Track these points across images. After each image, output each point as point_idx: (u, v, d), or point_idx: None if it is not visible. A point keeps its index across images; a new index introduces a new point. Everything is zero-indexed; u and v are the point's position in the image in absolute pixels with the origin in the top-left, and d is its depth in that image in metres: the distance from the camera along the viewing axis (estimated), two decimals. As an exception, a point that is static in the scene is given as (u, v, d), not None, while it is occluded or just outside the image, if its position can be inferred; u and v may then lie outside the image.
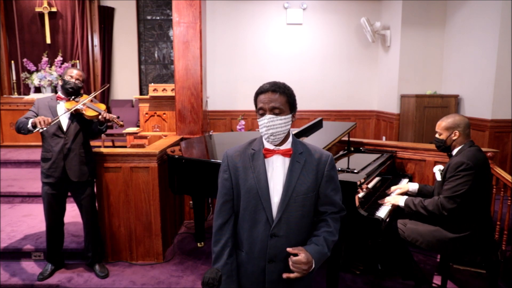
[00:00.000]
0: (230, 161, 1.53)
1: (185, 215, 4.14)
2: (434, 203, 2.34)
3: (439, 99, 5.15)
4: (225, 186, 1.53)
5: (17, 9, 6.60)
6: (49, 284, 2.88)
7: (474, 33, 4.82)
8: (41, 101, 2.85)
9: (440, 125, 2.48)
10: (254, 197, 1.47)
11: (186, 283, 2.91)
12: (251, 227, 1.50)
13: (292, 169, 1.47)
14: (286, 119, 1.45)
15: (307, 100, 6.52)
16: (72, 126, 2.81)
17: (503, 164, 4.45)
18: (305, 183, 1.48)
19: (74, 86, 2.82)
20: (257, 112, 1.48)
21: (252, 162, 1.49)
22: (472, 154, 2.31)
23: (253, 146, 1.54)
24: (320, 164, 1.51)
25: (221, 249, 1.52)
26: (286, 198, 1.46)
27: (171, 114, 4.83)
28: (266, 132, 1.45)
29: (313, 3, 6.38)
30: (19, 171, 5.01)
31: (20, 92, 6.71)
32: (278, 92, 1.44)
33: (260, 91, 1.47)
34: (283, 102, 1.44)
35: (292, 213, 1.47)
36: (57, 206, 2.92)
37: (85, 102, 2.81)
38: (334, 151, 3.24)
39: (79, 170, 2.84)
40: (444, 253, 2.45)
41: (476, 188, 2.27)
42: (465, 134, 2.42)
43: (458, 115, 2.46)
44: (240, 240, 1.55)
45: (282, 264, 1.49)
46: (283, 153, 1.48)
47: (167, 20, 7.04)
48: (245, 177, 1.49)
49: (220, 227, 1.54)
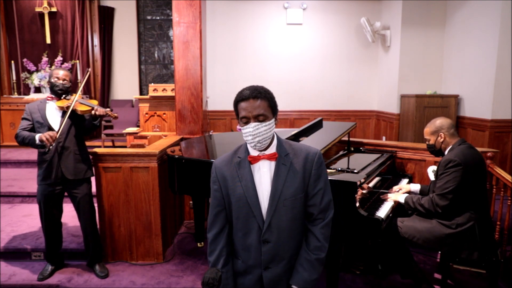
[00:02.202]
0: (218, 172, 1.52)
1: (185, 215, 4.14)
2: (429, 201, 2.41)
3: (439, 99, 5.15)
4: (216, 197, 1.53)
5: (17, 9, 6.61)
6: (49, 284, 2.88)
7: (474, 33, 4.82)
8: (31, 106, 2.84)
9: (426, 132, 2.60)
10: (244, 206, 1.46)
11: (186, 283, 2.91)
12: (245, 235, 1.49)
13: (278, 173, 1.45)
14: (271, 124, 1.42)
15: (307, 100, 6.52)
16: (65, 125, 2.80)
17: (503, 164, 4.45)
18: (293, 185, 1.45)
19: (62, 88, 2.82)
20: (240, 120, 1.44)
21: (239, 171, 1.47)
22: (460, 151, 2.38)
23: (238, 154, 1.51)
24: (307, 163, 1.47)
25: (216, 258, 1.52)
26: (274, 203, 1.44)
27: (171, 114, 4.83)
28: (252, 140, 1.41)
29: (313, 3, 6.38)
30: (19, 171, 5.01)
31: (20, 92, 6.71)
32: (259, 97, 1.40)
33: (240, 99, 1.42)
34: (265, 107, 1.40)
35: (282, 217, 1.45)
36: (55, 208, 2.91)
37: (77, 98, 2.82)
38: (334, 151, 3.24)
39: (74, 168, 2.84)
40: (441, 249, 2.48)
41: (467, 183, 2.33)
42: (450, 134, 2.51)
43: (440, 118, 2.57)
44: (236, 249, 1.54)
45: (278, 270, 1.49)
46: (269, 157, 1.46)
47: (167, 20, 7.04)
48: (234, 187, 1.47)
49: (215, 237, 1.53)
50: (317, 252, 1.49)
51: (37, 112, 2.81)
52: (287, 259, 1.50)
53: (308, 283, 1.48)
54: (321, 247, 1.50)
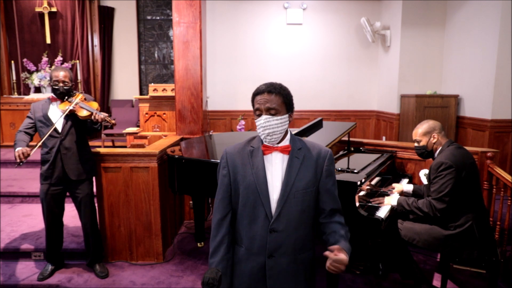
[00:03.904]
0: (229, 158, 1.55)
1: (185, 215, 4.14)
2: (427, 205, 2.39)
3: (439, 99, 5.15)
4: (223, 182, 1.55)
5: (17, 9, 6.60)
6: (49, 284, 2.89)
7: (474, 33, 4.82)
8: (36, 105, 2.88)
9: (417, 133, 2.58)
10: (252, 193, 1.48)
11: (186, 283, 2.91)
12: (250, 222, 1.51)
13: (291, 165, 1.49)
14: (283, 119, 1.47)
15: (307, 100, 6.52)
16: (67, 125, 2.83)
17: (503, 164, 4.45)
18: (304, 178, 1.49)
19: (62, 91, 2.82)
20: (254, 113, 1.50)
21: (251, 159, 1.51)
22: (450, 153, 2.38)
23: (252, 144, 1.56)
24: (319, 159, 1.52)
25: (218, 244, 1.54)
26: (285, 194, 1.47)
27: (171, 114, 4.83)
28: (262, 132, 1.46)
29: (313, 3, 6.38)
30: (19, 171, 5.01)
31: (20, 92, 6.71)
32: (273, 92, 1.46)
33: (256, 92, 1.50)
34: (279, 102, 1.46)
35: (292, 208, 1.48)
36: (56, 207, 2.92)
37: (78, 102, 2.82)
38: (334, 151, 3.23)
39: (77, 169, 2.85)
40: (441, 251, 2.48)
41: (461, 184, 2.34)
42: (442, 135, 2.53)
43: (429, 120, 2.59)
44: (240, 236, 1.56)
45: (281, 259, 1.50)
46: (282, 149, 1.50)
47: (167, 20, 7.04)
48: (244, 174, 1.50)
49: (218, 222, 1.56)
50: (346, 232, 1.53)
51: (40, 112, 2.83)
52: (291, 251, 1.51)
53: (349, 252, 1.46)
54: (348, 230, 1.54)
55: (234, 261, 1.58)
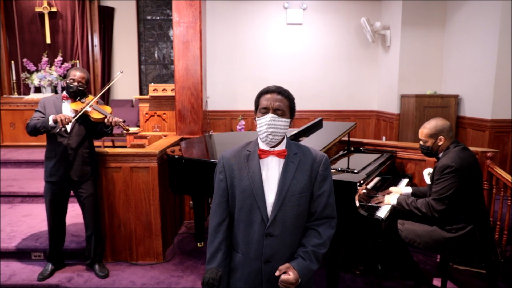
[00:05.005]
0: (225, 162, 1.55)
1: (185, 215, 4.14)
2: (425, 205, 2.37)
3: (439, 99, 5.15)
4: (220, 187, 1.55)
5: (17, 9, 6.60)
6: (49, 284, 2.88)
7: (474, 33, 4.82)
8: (47, 100, 2.86)
9: (423, 133, 2.49)
10: (249, 197, 1.49)
11: (186, 283, 2.91)
12: (247, 227, 1.51)
13: (287, 169, 1.50)
14: (286, 122, 1.50)
15: (307, 100, 6.52)
16: (76, 127, 2.82)
17: (503, 164, 4.45)
18: (300, 182, 1.49)
19: (76, 90, 2.82)
20: (259, 111, 1.51)
21: (247, 163, 1.52)
22: (456, 155, 2.34)
23: (248, 148, 1.56)
24: (314, 163, 1.53)
25: (214, 251, 1.54)
26: (281, 197, 1.47)
27: (171, 114, 4.84)
28: (265, 130, 1.46)
29: (313, 3, 6.38)
30: (19, 171, 5.00)
31: (20, 92, 6.71)
32: (283, 95, 1.51)
33: (265, 91, 1.53)
34: (286, 105, 1.50)
35: (288, 213, 1.48)
36: (59, 206, 2.92)
37: (91, 104, 2.81)
38: (334, 151, 3.24)
39: (81, 170, 2.85)
40: (442, 253, 2.47)
41: (464, 187, 2.31)
42: (449, 137, 2.44)
43: (439, 120, 2.47)
44: (236, 241, 1.55)
45: (278, 264, 1.49)
46: (278, 154, 1.51)
47: (167, 20, 7.04)
48: (240, 178, 1.51)
49: (216, 228, 1.55)
50: (316, 247, 1.50)
51: (53, 108, 2.81)
52: (287, 256, 1.50)
53: (307, 270, 1.46)
54: (322, 244, 1.51)
55: (230, 267, 1.57)
